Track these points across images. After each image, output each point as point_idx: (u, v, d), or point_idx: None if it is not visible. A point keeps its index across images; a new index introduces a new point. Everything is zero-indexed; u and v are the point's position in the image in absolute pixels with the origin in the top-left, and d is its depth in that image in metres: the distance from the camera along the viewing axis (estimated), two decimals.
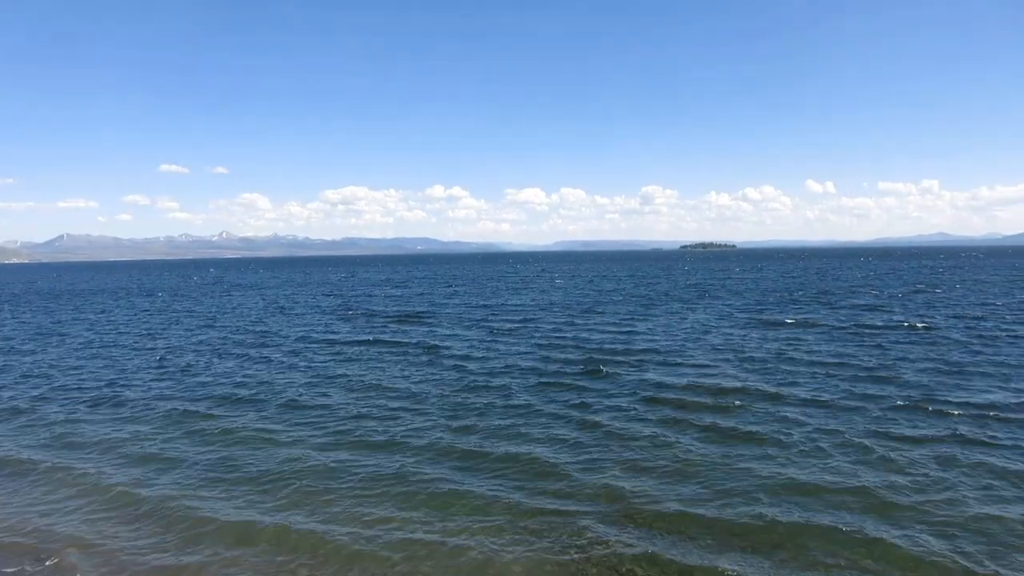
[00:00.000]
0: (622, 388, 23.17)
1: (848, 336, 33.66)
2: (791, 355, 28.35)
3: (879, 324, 37.82)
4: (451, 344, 33.68)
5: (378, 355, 31.12)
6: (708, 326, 38.78)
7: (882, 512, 12.75)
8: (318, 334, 38.73)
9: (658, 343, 32.49)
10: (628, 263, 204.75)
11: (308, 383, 25.24)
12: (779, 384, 22.97)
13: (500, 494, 14.06)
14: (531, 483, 14.69)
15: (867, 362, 26.44)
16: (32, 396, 24.10)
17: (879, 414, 19.02)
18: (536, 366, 27.44)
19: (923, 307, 47.57)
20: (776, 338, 33.46)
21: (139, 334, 40.93)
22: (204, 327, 43.99)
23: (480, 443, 17.45)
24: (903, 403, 20.06)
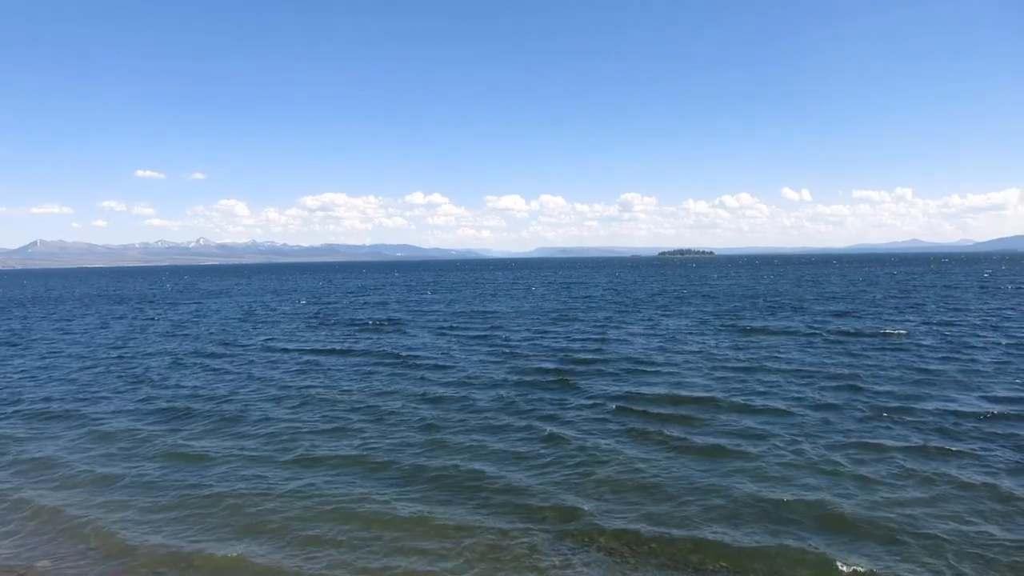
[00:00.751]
0: (591, 398, 22.55)
1: (821, 344, 33.38)
2: (764, 363, 27.95)
3: (851, 331, 37.63)
4: (421, 352, 32.94)
5: (344, 364, 30.26)
6: (682, 333, 38.38)
7: (844, 528, 12.25)
8: (286, 342, 37.76)
9: (631, 351, 31.97)
10: (607, 270, 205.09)
11: (268, 394, 24.32)
12: (750, 394, 22.50)
13: (457, 511, 13.39)
14: (489, 498, 14.02)
15: (839, 370, 26.07)
16: None
17: (850, 424, 18.57)
18: (505, 375, 26.79)
19: (895, 314, 47.63)
20: (749, 346, 33.13)
21: (100, 344, 39.69)
22: (169, 336, 42.80)
23: (440, 456, 16.78)
24: (874, 412, 19.65)
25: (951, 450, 16.04)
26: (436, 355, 32.06)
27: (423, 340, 37.78)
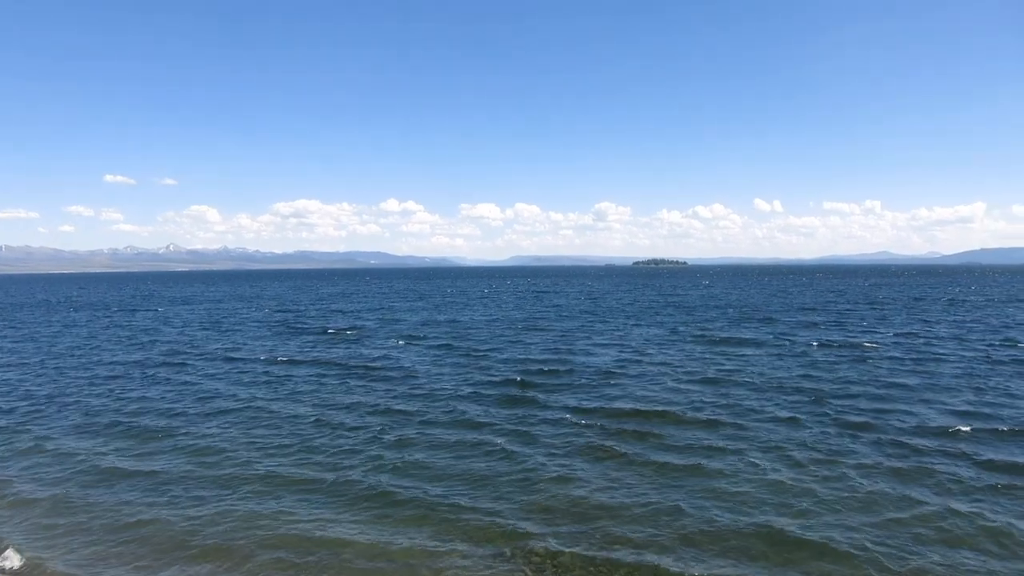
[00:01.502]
0: (553, 411, 22.13)
1: (787, 356, 33.37)
2: (730, 376, 27.79)
3: (818, 343, 37.74)
4: (383, 362, 32.25)
5: (301, 374, 29.42)
6: (651, 344, 38.16)
7: (793, 557, 11.90)
8: (245, 351, 36.76)
9: (597, 362, 31.63)
10: (580, 279, 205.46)
11: (214, 406, 23.51)
12: (713, 408, 22.23)
13: (401, 532, 12.85)
14: (438, 518, 13.46)
15: (803, 384, 25.97)
16: None
17: (810, 440, 18.34)
18: (467, 386, 26.28)
19: (862, 326, 47.99)
20: (716, 357, 32.96)
21: (48, 353, 38.31)
22: (122, 344, 41.34)
23: (388, 473, 16.22)
24: (835, 428, 19.53)
25: (903, 469, 15.83)
26: (398, 365, 31.45)
27: (387, 349, 37.08)
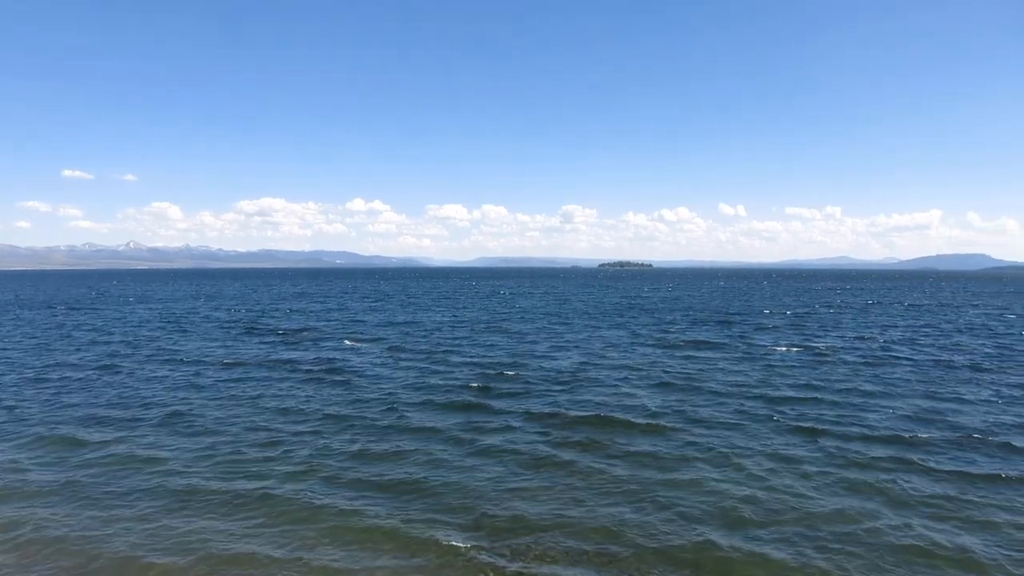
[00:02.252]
0: (516, 411, 22.03)
1: (744, 359, 33.72)
2: (689, 379, 27.82)
3: (775, 346, 38.27)
4: (338, 364, 31.65)
5: (256, 375, 28.65)
6: (612, 347, 38.28)
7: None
8: (199, 352, 35.65)
9: (558, 365, 31.55)
10: (546, 280, 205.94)
11: (180, 404, 22.87)
12: (670, 412, 22.13)
13: (332, 541, 12.44)
14: (375, 524, 13.12)
15: (760, 390, 26.14)
16: None
17: (763, 444, 18.43)
18: (425, 389, 25.95)
19: (819, 329, 48.85)
20: (675, 360, 33.10)
21: None
22: (71, 346, 39.91)
23: (353, 469, 15.99)
24: (790, 432, 19.62)
25: (852, 478, 15.87)
26: (350, 368, 30.87)
27: (341, 352, 36.51)
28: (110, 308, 72.05)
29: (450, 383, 27.11)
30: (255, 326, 50.54)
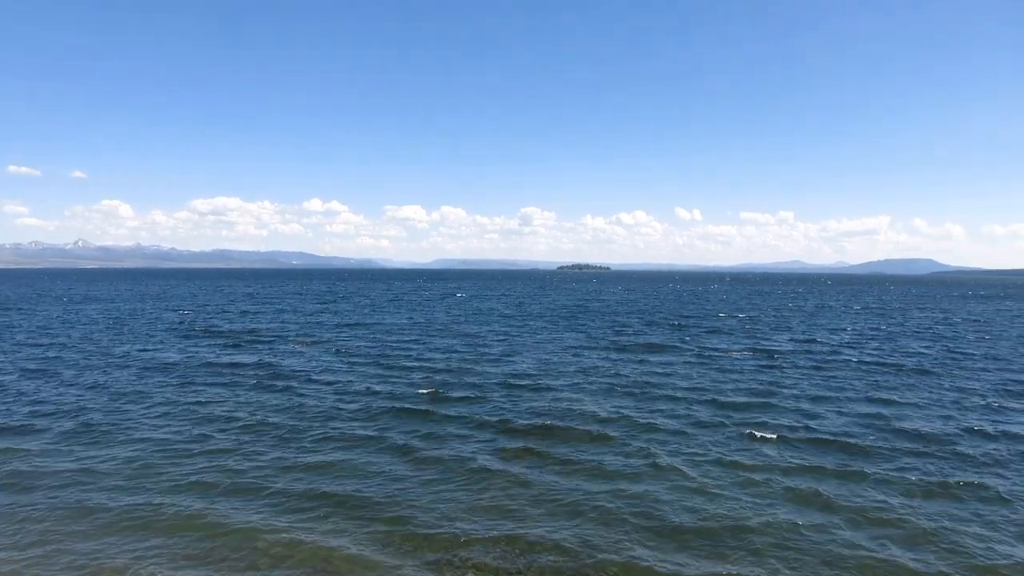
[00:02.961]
0: (463, 418, 21.47)
1: (695, 361, 33.75)
2: (640, 382, 27.63)
3: (727, 349, 38.46)
4: (285, 367, 30.66)
5: (204, 378, 27.52)
6: (566, 350, 37.98)
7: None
8: (147, 354, 34.15)
9: (511, 369, 31.06)
10: (505, 282, 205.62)
11: (109, 408, 21.92)
12: (620, 417, 21.80)
13: (281, 545, 11.77)
14: (348, 525, 12.61)
15: (710, 392, 26.10)
16: None
17: (712, 447, 18.27)
18: (378, 392, 25.27)
19: (771, 332, 49.36)
20: (629, 364, 32.90)
21: None
22: (15, 347, 37.91)
23: (275, 479, 15.20)
24: (736, 434, 19.50)
25: (793, 487, 15.65)
26: (296, 372, 29.86)
27: (289, 355, 35.30)
28: (51, 308, 69.16)
29: (397, 389, 26.34)
30: (199, 328, 48.85)
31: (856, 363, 33.77)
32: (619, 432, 19.99)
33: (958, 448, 18.59)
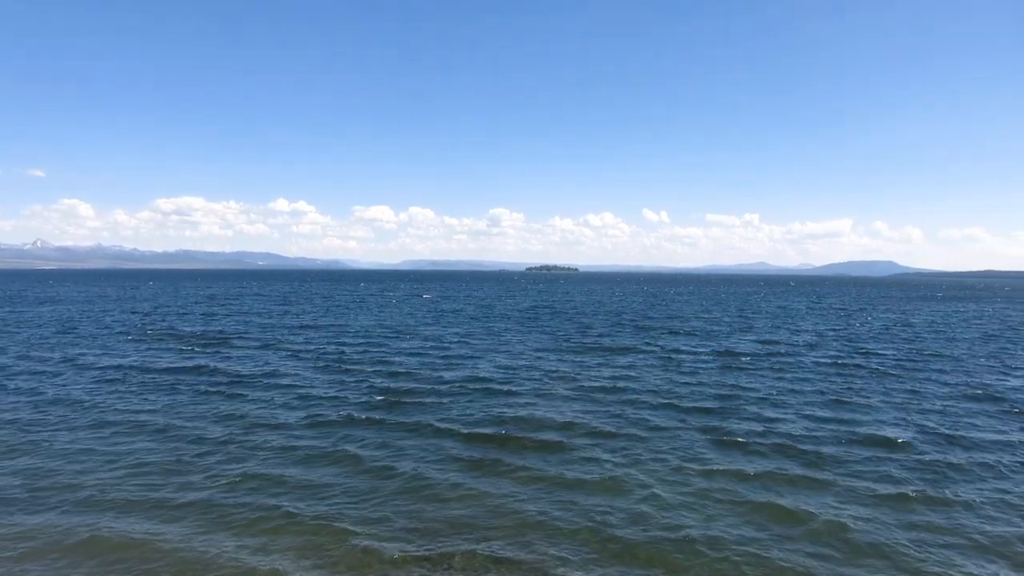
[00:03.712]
0: (419, 424, 20.85)
1: (659, 364, 33.51)
2: (605, 385, 27.28)
3: (692, 351, 38.38)
4: (243, 370, 29.75)
5: (150, 384, 26.36)
6: (530, 351, 37.49)
7: None
8: (92, 358, 32.74)
9: (475, 372, 30.50)
10: (473, 283, 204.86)
11: (40, 414, 20.88)
12: (585, 421, 21.39)
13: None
14: (285, 541, 11.86)
15: (673, 396, 25.83)
16: None
17: (674, 452, 17.94)
18: (332, 398, 24.54)
19: (732, 333, 49.50)
20: (593, 367, 32.53)
21: None
22: None
23: (227, 491, 14.51)
24: (696, 436, 19.24)
25: (749, 497, 15.32)
26: (250, 375, 28.98)
27: (251, 356, 34.41)
28: None
29: (353, 395, 25.52)
30: (153, 331, 47.31)
31: (817, 363, 33.97)
32: (577, 441, 19.49)
33: (915, 454, 18.48)
